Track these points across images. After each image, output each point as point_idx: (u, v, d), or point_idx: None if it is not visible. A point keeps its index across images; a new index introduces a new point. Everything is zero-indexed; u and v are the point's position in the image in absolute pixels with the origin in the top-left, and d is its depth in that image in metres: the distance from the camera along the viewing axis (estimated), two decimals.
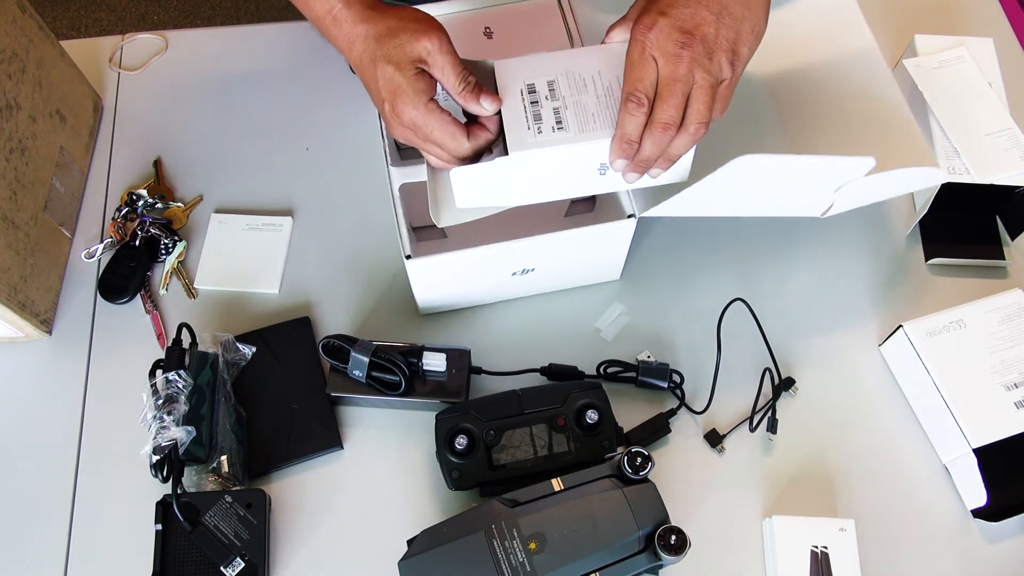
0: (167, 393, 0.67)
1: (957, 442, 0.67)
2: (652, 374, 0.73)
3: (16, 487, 0.71)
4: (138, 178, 0.86)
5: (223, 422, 0.69)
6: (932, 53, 0.85)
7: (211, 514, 0.65)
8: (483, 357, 0.75)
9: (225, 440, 0.69)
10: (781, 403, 0.73)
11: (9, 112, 0.73)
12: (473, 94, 0.59)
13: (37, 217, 0.76)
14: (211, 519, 0.65)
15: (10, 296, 0.71)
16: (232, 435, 0.69)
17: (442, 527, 0.62)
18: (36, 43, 0.78)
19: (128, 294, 0.79)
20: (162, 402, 0.66)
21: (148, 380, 0.68)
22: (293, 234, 0.82)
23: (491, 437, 0.67)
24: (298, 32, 0.95)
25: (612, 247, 0.74)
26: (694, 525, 0.67)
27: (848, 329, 0.77)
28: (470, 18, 0.80)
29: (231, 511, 0.65)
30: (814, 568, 0.64)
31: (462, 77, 0.58)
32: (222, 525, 0.64)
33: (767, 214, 0.73)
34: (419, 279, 0.70)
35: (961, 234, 0.80)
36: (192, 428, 0.66)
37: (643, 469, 0.63)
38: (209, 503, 0.65)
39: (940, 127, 0.80)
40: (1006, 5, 0.97)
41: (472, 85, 0.59)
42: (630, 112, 0.56)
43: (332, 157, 0.87)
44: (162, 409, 0.66)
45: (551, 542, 0.59)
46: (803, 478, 0.71)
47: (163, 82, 0.92)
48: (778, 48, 0.84)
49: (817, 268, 0.80)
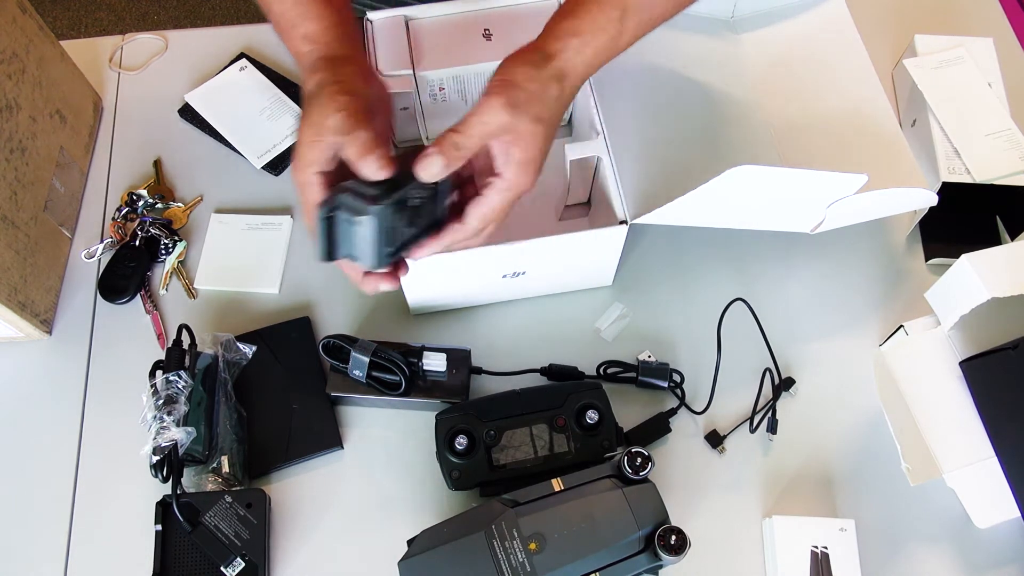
0: (167, 393, 0.67)
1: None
2: (652, 374, 0.73)
3: (16, 487, 0.71)
4: (138, 178, 0.86)
5: (223, 422, 0.69)
6: (932, 53, 0.85)
7: (211, 514, 0.65)
8: (483, 357, 0.75)
9: (225, 440, 0.69)
10: (781, 403, 0.73)
11: (9, 112, 0.73)
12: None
13: (37, 217, 0.76)
14: (211, 519, 0.65)
15: (10, 296, 0.71)
16: (232, 435, 0.69)
17: (442, 527, 0.62)
18: (36, 43, 0.78)
19: (128, 294, 0.79)
20: (162, 402, 0.66)
21: (148, 381, 0.68)
22: (293, 234, 0.82)
23: (491, 437, 0.67)
24: None
25: (603, 253, 0.74)
26: (694, 525, 0.67)
27: (848, 329, 0.77)
28: (470, 19, 0.80)
29: (231, 511, 0.65)
30: (814, 568, 0.64)
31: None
32: (222, 525, 0.64)
33: (758, 227, 0.73)
34: (409, 279, 0.70)
35: (961, 234, 0.80)
36: (192, 429, 0.66)
37: (643, 469, 0.63)
38: (209, 503, 0.65)
39: (940, 127, 0.80)
40: (1006, 5, 0.97)
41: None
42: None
43: None
44: (162, 409, 0.66)
45: (551, 542, 0.59)
46: (803, 478, 0.71)
47: (163, 82, 0.92)
48: (772, 64, 0.85)
49: (817, 268, 0.80)
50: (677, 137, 0.79)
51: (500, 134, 0.54)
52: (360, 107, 0.54)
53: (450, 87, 0.79)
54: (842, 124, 0.79)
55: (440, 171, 0.54)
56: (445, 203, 0.59)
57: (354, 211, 0.53)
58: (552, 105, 0.55)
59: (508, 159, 0.55)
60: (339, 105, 0.53)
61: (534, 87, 0.54)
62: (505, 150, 0.55)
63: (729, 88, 0.84)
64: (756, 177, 0.62)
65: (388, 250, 0.56)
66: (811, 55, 0.84)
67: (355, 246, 0.55)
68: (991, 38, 0.86)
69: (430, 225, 0.58)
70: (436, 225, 0.59)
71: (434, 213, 0.58)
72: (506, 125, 0.54)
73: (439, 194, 0.58)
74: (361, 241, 0.54)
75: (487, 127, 0.54)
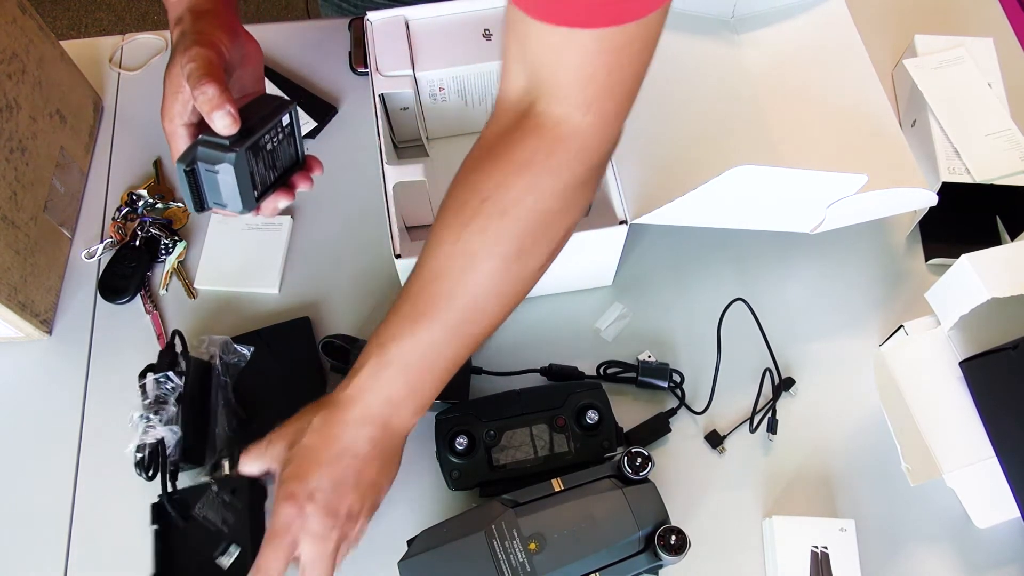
0: (156, 394, 0.67)
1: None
2: (652, 373, 0.73)
3: (16, 487, 0.71)
4: (138, 178, 0.86)
5: (222, 425, 0.69)
6: (932, 53, 0.85)
7: (200, 505, 0.64)
8: (483, 357, 0.75)
9: (223, 443, 0.69)
10: (781, 403, 0.73)
11: (9, 112, 0.73)
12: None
13: (37, 217, 0.76)
14: (200, 511, 0.64)
15: (10, 296, 0.71)
16: (231, 438, 0.69)
17: (442, 527, 0.62)
18: (36, 43, 0.78)
19: (128, 294, 0.79)
20: (150, 402, 0.67)
21: (137, 382, 0.69)
22: (293, 234, 0.82)
23: (491, 437, 0.67)
24: (296, 32, 0.95)
25: (603, 253, 0.74)
26: (694, 525, 0.67)
27: (848, 329, 0.77)
28: (470, 19, 0.80)
29: (217, 500, 0.64)
30: (814, 568, 0.64)
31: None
32: (211, 515, 0.64)
33: (758, 227, 0.73)
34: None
35: (961, 234, 0.80)
36: (177, 428, 0.66)
37: (643, 469, 0.63)
38: (197, 496, 0.65)
39: (940, 127, 0.80)
40: (1006, 5, 0.97)
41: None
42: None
43: (332, 156, 0.87)
44: (149, 409, 0.66)
45: (551, 542, 0.59)
46: (803, 478, 0.71)
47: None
48: (772, 64, 0.85)
49: (817, 268, 0.80)
50: (677, 137, 0.79)
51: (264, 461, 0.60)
52: (213, 59, 0.56)
53: (450, 87, 0.79)
54: (842, 124, 0.79)
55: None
56: (300, 140, 0.62)
57: (211, 160, 0.56)
58: (311, 432, 0.59)
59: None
60: (191, 56, 0.55)
61: (292, 421, 0.60)
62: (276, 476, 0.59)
63: (729, 88, 0.84)
64: (756, 177, 0.62)
65: (253, 193, 0.59)
66: (811, 55, 0.84)
67: (221, 194, 0.58)
68: (991, 38, 0.86)
69: (290, 165, 0.63)
70: (297, 164, 0.63)
71: (290, 152, 0.62)
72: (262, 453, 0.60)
73: (294, 134, 0.61)
74: (225, 188, 0.57)
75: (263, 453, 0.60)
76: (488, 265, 0.54)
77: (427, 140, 0.84)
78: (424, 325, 0.55)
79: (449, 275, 0.54)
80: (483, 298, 0.55)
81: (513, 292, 0.57)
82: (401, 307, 0.56)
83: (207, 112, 0.54)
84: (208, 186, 0.58)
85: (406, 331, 0.56)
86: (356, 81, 0.92)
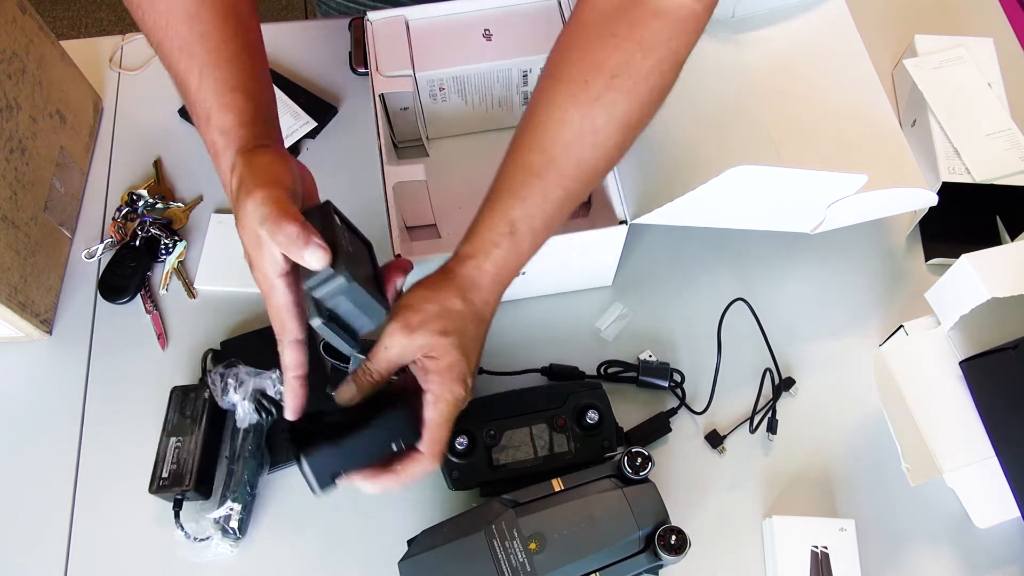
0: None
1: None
2: (653, 373, 0.73)
3: (16, 487, 0.71)
4: (138, 178, 0.86)
5: (243, 471, 0.68)
6: (932, 53, 0.85)
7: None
8: (483, 357, 0.74)
9: (239, 490, 0.68)
10: (781, 403, 0.73)
11: (9, 112, 0.73)
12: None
13: (37, 217, 0.76)
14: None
15: (10, 296, 0.71)
16: (247, 487, 0.68)
17: (442, 527, 0.62)
18: (36, 43, 0.78)
19: (128, 294, 0.79)
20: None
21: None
22: None
23: (491, 437, 0.67)
24: (296, 32, 0.95)
25: (603, 253, 0.74)
26: (694, 525, 0.67)
27: (848, 329, 0.77)
28: (470, 19, 0.80)
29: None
30: (814, 568, 0.64)
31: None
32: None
33: (758, 227, 0.73)
34: (409, 277, 0.70)
35: (961, 234, 0.80)
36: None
37: (643, 469, 0.63)
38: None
39: (940, 127, 0.80)
40: (1006, 5, 0.97)
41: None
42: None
43: (332, 156, 0.87)
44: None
45: (551, 542, 0.59)
46: (803, 478, 0.71)
47: (163, 82, 0.91)
48: (772, 64, 0.85)
49: (818, 268, 0.80)
50: (677, 137, 0.79)
51: (405, 355, 0.56)
52: (282, 197, 0.52)
53: (450, 87, 0.79)
54: (842, 124, 0.79)
55: (354, 396, 0.57)
56: (351, 224, 0.60)
57: (332, 294, 0.53)
58: (457, 318, 0.57)
59: (426, 375, 0.56)
60: (259, 201, 0.52)
61: (431, 307, 0.56)
62: (422, 366, 0.57)
63: (729, 88, 0.84)
64: (756, 177, 0.62)
65: (379, 294, 0.56)
66: (811, 55, 0.84)
67: (358, 316, 0.55)
68: (991, 38, 0.86)
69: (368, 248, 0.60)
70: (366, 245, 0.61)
71: (357, 239, 0.59)
72: (406, 345, 0.55)
73: (348, 223, 0.59)
74: (359, 305, 0.54)
75: (389, 351, 0.56)
76: (614, 140, 0.58)
77: (427, 140, 0.84)
78: (557, 197, 0.58)
79: (580, 149, 0.58)
80: (603, 170, 0.60)
81: (618, 161, 0.61)
82: (531, 182, 0.58)
83: (295, 253, 0.51)
84: (348, 318, 0.55)
85: (538, 205, 0.58)
86: (356, 81, 0.92)
